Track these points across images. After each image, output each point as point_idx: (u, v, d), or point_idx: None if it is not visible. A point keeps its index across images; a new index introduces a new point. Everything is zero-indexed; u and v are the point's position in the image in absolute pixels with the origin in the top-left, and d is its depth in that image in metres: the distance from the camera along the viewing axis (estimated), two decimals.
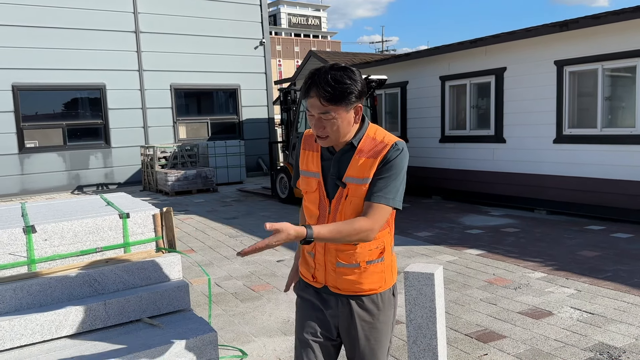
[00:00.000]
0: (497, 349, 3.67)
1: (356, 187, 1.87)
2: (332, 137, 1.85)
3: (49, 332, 2.23)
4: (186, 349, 2.17)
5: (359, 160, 1.88)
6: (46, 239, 2.42)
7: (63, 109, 14.52)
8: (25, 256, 2.38)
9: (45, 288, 2.32)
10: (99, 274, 2.41)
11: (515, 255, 6.07)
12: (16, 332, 2.16)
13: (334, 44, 78.79)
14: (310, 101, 1.82)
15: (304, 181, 2.03)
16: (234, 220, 8.86)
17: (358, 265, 1.92)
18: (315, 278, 2.00)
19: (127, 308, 2.35)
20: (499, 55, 9.17)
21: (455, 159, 10.09)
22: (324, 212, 1.95)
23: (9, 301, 2.26)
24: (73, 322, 2.25)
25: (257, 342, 3.94)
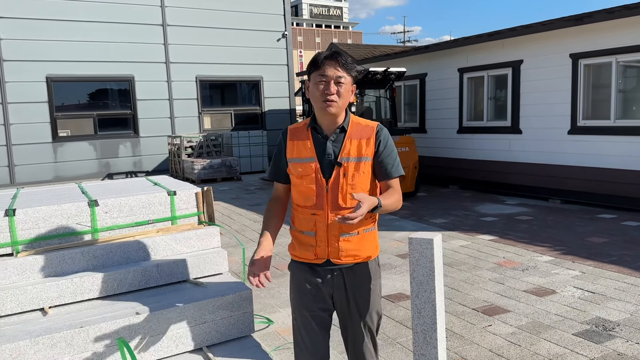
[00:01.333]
0: (500, 321, 4.02)
1: (354, 165, 2.19)
2: (339, 103, 2.15)
3: (112, 289, 2.66)
4: (226, 303, 2.58)
5: (351, 142, 2.20)
6: (107, 212, 2.85)
7: (94, 100, 15.10)
8: (89, 226, 2.82)
9: (107, 252, 2.75)
10: (152, 241, 2.84)
11: (526, 240, 6.37)
12: (85, 287, 2.60)
13: (355, 35, 78.62)
14: (325, 68, 2.13)
15: (297, 167, 2.23)
16: (258, 207, 9.29)
17: (357, 233, 2.22)
18: (317, 255, 2.22)
19: (176, 270, 2.77)
20: (515, 48, 9.39)
21: (472, 150, 10.36)
22: (321, 192, 2.19)
23: (78, 263, 2.69)
24: (132, 281, 2.68)
25: (281, 312, 4.35)
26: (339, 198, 2.19)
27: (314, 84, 2.17)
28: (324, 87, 2.14)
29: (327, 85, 2.14)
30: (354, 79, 2.21)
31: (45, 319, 2.41)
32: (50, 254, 2.64)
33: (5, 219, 2.62)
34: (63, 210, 2.75)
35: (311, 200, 2.21)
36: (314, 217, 2.22)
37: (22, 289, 2.48)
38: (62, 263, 2.65)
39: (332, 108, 2.15)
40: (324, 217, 2.21)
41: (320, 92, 2.15)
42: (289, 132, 2.32)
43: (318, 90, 2.15)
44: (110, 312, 2.45)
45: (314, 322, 2.29)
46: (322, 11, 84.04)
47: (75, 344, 2.25)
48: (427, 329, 2.19)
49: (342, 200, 2.19)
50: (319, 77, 2.15)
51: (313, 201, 2.21)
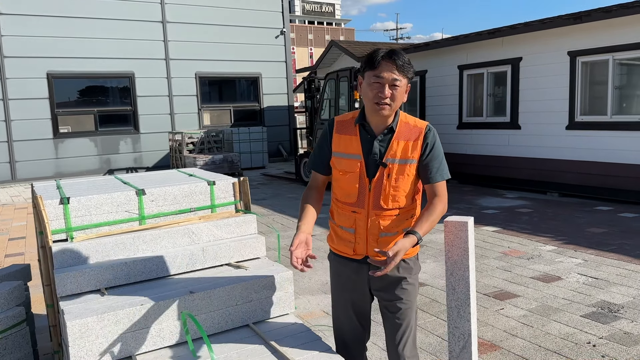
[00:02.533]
0: (512, 305, 4.25)
1: (400, 166, 2.15)
2: (393, 105, 2.10)
3: (162, 271, 2.84)
4: (270, 283, 2.77)
5: (399, 143, 2.16)
6: (153, 200, 3.03)
7: (94, 96, 15.19)
8: (137, 213, 3.00)
9: (156, 238, 2.93)
10: (195, 227, 3.02)
11: (528, 231, 6.61)
12: (138, 270, 2.78)
13: (348, 32, 78.79)
14: (381, 69, 2.06)
15: (341, 162, 2.20)
16: (264, 201, 9.47)
17: (397, 233, 2.19)
18: (356, 251, 2.24)
19: (220, 254, 2.96)
20: (515, 45, 9.63)
21: (472, 145, 10.60)
22: (363, 190, 2.17)
23: (129, 247, 2.87)
24: (180, 264, 2.87)
25: (302, 299, 4.55)
26: (380, 198, 2.17)
27: (367, 84, 2.12)
28: (378, 90, 2.08)
29: (381, 87, 2.08)
30: (410, 80, 2.15)
31: (105, 299, 2.60)
32: (102, 239, 2.82)
33: (60, 206, 2.80)
34: (113, 198, 2.93)
35: (352, 197, 2.21)
36: (354, 215, 2.22)
37: (80, 271, 2.66)
38: (115, 248, 2.83)
39: (384, 111, 2.11)
40: (364, 215, 2.20)
41: (374, 94, 2.09)
42: (335, 124, 2.28)
43: (372, 91, 2.10)
44: (165, 292, 2.64)
45: (353, 310, 2.35)
46: (315, 8, 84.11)
47: (137, 320, 2.43)
48: (461, 304, 2.40)
49: (383, 201, 2.17)
50: (374, 78, 2.08)
51: (354, 199, 2.20)
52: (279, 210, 8.58)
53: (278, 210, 8.53)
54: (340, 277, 2.38)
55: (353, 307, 2.36)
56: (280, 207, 8.78)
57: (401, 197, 2.18)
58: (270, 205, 9.06)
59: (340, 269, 2.38)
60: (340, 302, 2.40)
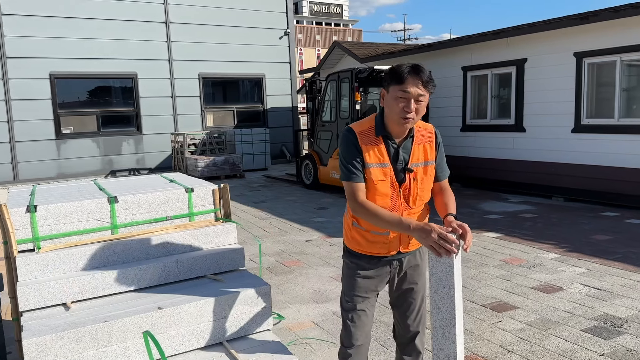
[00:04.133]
0: (509, 317, 4.07)
1: (424, 169, 2.36)
2: (415, 119, 2.24)
3: (132, 284, 2.70)
4: (245, 298, 2.62)
5: (419, 148, 2.35)
6: (126, 208, 2.89)
7: (97, 97, 15.13)
8: (109, 222, 2.86)
9: (128, 248, 2.79)
10: (170, 237, 2.87)
11: (531, 238, 6.42)
12: (107, 282, 2.64)
13: (355, 33, 78.60)
14: (407, 85, 2.16)
15: (376, 172, 2.29)
16: (263, 204, 9.33)
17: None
18: (389, 250, 2.39)
19: (195, 265, 2.81)
20: (520, 46, 9.43)
21: (475, 148, 10.40)
22: (395, 195, 2.32)
23: (98, 258, 2.73)
24: (152, 276, 2.72)
25: (292, 308, 4.39)
26: (409, 200, 2.35)
27: (393, 98, 2.20)
28: (404, 105, 2.19)
29: (407, 102, 2.18)
30: (431, 94, 2.25)
31: (69, 314, 2.45)
32: (71, 249, 2.68)
33: (27, 215, 2.66)
34: (83, 206, 2.79)
35: (387, 202, 2.32)
36: None
37: (44, 284, 2.52)
38: (83, 259, 2.69)
39: (408, 124, 2.25)
40: None
41: (400, 108, 2.19)
42: (358, 136, 2.30)
43: (397, 106, 2.20)
44: (132, 307, 2.49)
45: (366, 307, 2.45)
46: (322, 9, 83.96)
47: (99, 338, 2.29)
48: (446, 324, 2.23)
49: (412, 202, 2.36)
50: (401, 93, 2.17)
51: (389, 204, 2.33)
52: (277, 213, 8.43)
53: (276, 214, 8.38)
54: (357, 272, 2.45)
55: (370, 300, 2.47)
56: (279, 211, 8.63)
57: (426, 195, 2.41)
58: (269, 208, 8.92)
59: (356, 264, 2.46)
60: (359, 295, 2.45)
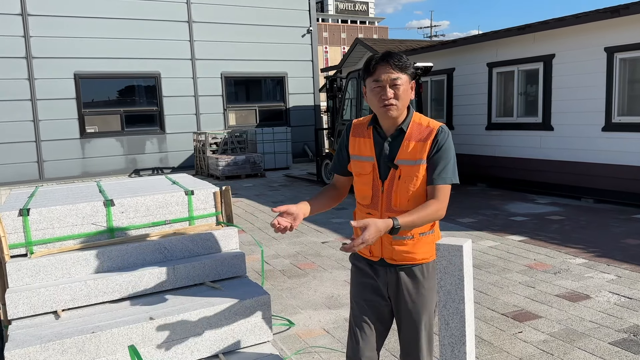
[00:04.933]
0: (531, 327, 3.84)
1: (409, 168, 2.13)
2: (399, 105, 2.10)
3: (127, 291, 2.58)
4: (243, 308, 2.48)
5: (409, 145, 2.14)
6: (123, 212, 2.77)
7: (121, 96, 15.25)
8: (105, 226, 2.75)
9: (123, 254, 2.67)
10: (168, 242, 2.75)
11: (557, 241, 6.13)
12: (100, 289, 2.53)
13: (381, 30, 78.03)
14: (378, 73, 2.08)
15: (356, 165, 2.24)
16: (282, 204, 9.18)
17: (412, 237, 2.18)
18: (372, 252, 2.24)
19: (192, 273, 2.68)
20: (547, 42, 9.08)
21: (501, 147, 10.08)
22: (377, 192, 2.19)
23: (92, 264, 2.62)
24: (147, 283, 2.60)
25: (303, 314, 4.24)
26: (392, 200, 2.17)
27: (370, 91, 2.13)
28: (380, 93, 2.10)
29: (382, 90, 2.09)
30: (412, 76, 2.14)
31: (58, 323, 2.35)
32: (64, 255, 2.58)
33: (19, 218, 2.57)
34: (78, 210, 2.68)
35: (367, 199, 2.22)
36: (368, 217, 2.19)
37: (35, 292, 2.42)
38: (76, 265, 2.58)
39: (392, 112, 2.11)
40: (378, 217, 2.17)
41: (377, 98, 2.10)
42: (352, 127, 2.30)
43: (375, 96, 2.11)
44: (123, 316, 2.37)
45: (371, 311, 2.28)
46: (348, 7, 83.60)
47: (86, 350, 2.17)
48: (456, 341, 2.05)
49: (395, 203, 2.17)
50: (374, 83, 2.11)
51: (369, 200, 2.22)
52: None
53: None
54: (359, 277, 2.33)
55: (370, 308, 2.29)
56: None
57: (412, 198, 2.16)
58: None
59: (359, 268, 2.34)
60: (359, 302, 2.32)
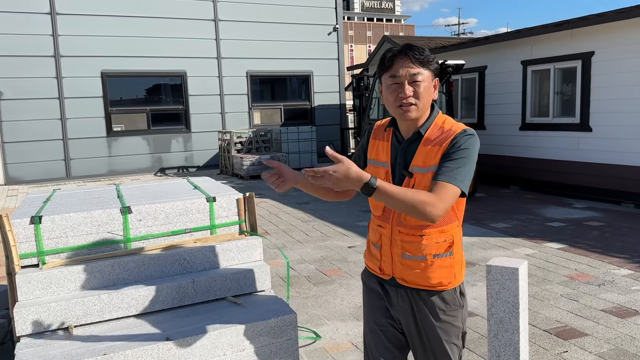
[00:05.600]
0: (577, 346, 3.54)
1: (422, 176, 1.84)
2: (419, 105, 1.83)
3: (143, 306, 2.39)
4: (268, 328, 2.26)
5: (424, 150, 1.86)
6: (140, 220, 2.59)
7: (147, 95, 15.25)
8: (121, 235, 2.57)
9: (140, 265, 2.49)
10: (188, 253, 2.56)
11: (599, 250, 5.78)
12: (114, 304, 2.35)
13: (408, 28, 77.25)
14: (396, 67, 1.82)
15: (371, 170, 1.98)
16: (306, 205, 9.00)
17: (424, 258, 1.88)
18: (383, 270, 1.99)
19: (214, 286, 2.48)
20: (586, 38, 8.66)
21: (536, 148, 9.69)
22: None
23: (107, 276, 2.44)
24: (165, 298, 2.41)
25: (329, 325, 4.02)
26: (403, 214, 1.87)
27: (386, 88, 1.86)
28: (397, 90, 1.82)
29: (400, 87, 1.82)
30: (435, 73, 1.86)
31: (68, 342, 2.17)
32: (77, 266, 2.40)
33: (31, 226, 2.40)
34: (93, 217, 2.51)
35: (378, 209, 1.99)
36: (380, 230, 2.00)
37: (45, 306, 2.25)
38: (90, 277, 2.41)
39: (410, 113, 1.84)
40: (388, 231, 1.95)
41: (394, 96, 1.83)
42: (374, 129, 2.07)
43: (391, 94, 1.84)
44: (138, 335, 2.18)
45: (385, 338, 2.05)
46: (374, 4, 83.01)
47: None
48: None
49: (405, 217, 1.88)
50: (391, 80, 1.83)
51: (380, 211, 1.98)
52: (321, 216, 8.07)
53: (319, 216, 8.03)
54: (370, 299, 2.10)
55: (385, 333, 2.05)
56: (323, 213, 8.27)
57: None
58: (312, 210, 8.58)
59: (370, 288, 2.10)
60: (372, 328, 2.09)
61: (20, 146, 13.47)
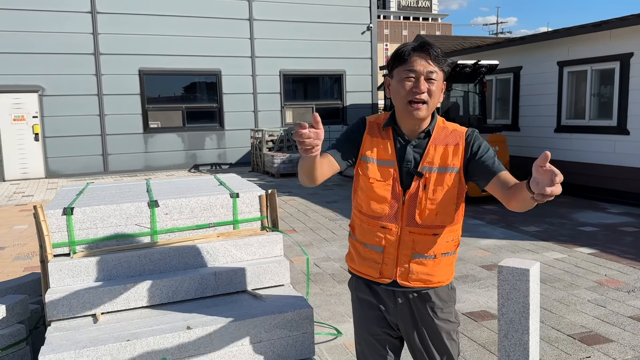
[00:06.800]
0: (601, 352, 3.49)
1: (439, 175, 1.86)
2: (430, 104, 1.83)
3: (166, 297, 2.49)
4: (285, 321, 2.33)
5: (436, 149, 1.88)
6: (167, 213, 2.69)
7: (183, 93, 15.57)
8: (148, 227, 2.68)
9: (165, 257, 2.59)
10: (211, 247, 2.65)
11: (631, 256, 5.64)
12: (139, 294, 2.45)
13: (445, 27, 76.34)
14: (413, 62, 1.80)
15: (371, 169, 1.93)
16: (334, 204, 9.05)
17: (434, 257, 1.91)
18: (382, 274, 1.94)
19: (235, 279, 2.56)
20: (625, 39, 8.43)
21: (571, 150, 9.49)
22: (396, 203, 1.90)
23: (134, 266, 2.55)
24: (187, 289, 2.51)
25: (351, 322, 4.05)
26: (416, 213, 1.87)
27: (398, 81, 1.83)
28: (412, 85, 1.81)
29: (416, 82, 1.81)
30: (445, 75, 1.87)
31: (95, 327, 2.28)
32: (106, 256, 2.52)
33: (63, 217, 2.53)
34: (122, 210, 2.62)
35: (383, 210, 1.91)
36: (383, 231, 1.92)
37: (75, 294, 2.37)
38: (118, 266, 2.52)
39: (420, 112, 1.83)
40: (396, 232, 1.90)
41: (407, 90, 1.81)
42: (368, 124, 1.98)
43: (404, 88, 1.81)
44: (160, 323, 2.28)
45: (380, 346, 2.02)
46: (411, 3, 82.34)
47: (121, 358, 2.09)
48: None
49: (419, 217, 1.88)
50: (406, 73, 1.81)
51: (385, 212, 1.90)
52: (348, 214, 8.09)
53: (346, 215, 8.07)
54: (362, 310, 2.04)
55: (380, 342, 2.02)
56: (350, 212, 8.29)
57: (440, 212, 1.88)
58: (340, 208, 8.62)
59: (361, 299, 2.04)
60: (367, 338, 2.04)
61: (61, 141, 13.95)
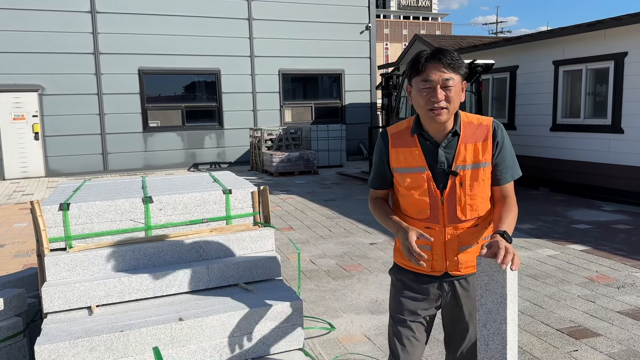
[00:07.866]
0: (588, 346, 3.56)
1: (473, 172, 1.99)
2: (450, 109, 1.91)
3: (160, 289, 2.56)
4: (274, 313, 2.40)
5: (467, 147, 1.99)
6: (161, 209, 2.77)
7: (182, 92, 15.63)
8: (143, 223, 2.75)
9: (159, 251, 2.66)
10: (204, 242, 2.72)
11: (623, 253, 5.71)
12: (133, 287, 2.52)
13: (445, 26, 76.36)
14: (428, 72, 1.88)
15: (405, 178, 2.03)
16: (332, 203, 9.13)
17: (477, 243, 2.06)
18: (434, 268, 2.07)
19: (227, 273, 2.63)
20: (619, 39, 8.50)
21: (566, 149, 9.56)
22: (435, 203, 2.00)
23: (128, 261, 2.62)
24: (180, 282, 2.58)
25: (345, 317, 4.14)
26: (457, 210, 2.00)
27: (417, 91, 1.93)
28: (429, 94, 1.90)
29: (432, 91, 1.90)
30: (464, 77, 1.95)
31: (90, 319, 2.36)
32: (100, 250, 2.59)
33: (59, 213, 2.60)
34: (117, 206, 2.70)
35: (424, 213, 2.03)
36: (428, 231, 2.03)
37: (70, 286, 2.44)
38: (112, 260, 2.59)
39: (441, 117, 1.92)
40: (440, 231, 2.03)
41: (426, 99, 1.91)
42: (390, 137, 2.08)
43: (422, 97, 1.91)
44: (153, 315, 2.35)
45: (415, 327, 2.14)
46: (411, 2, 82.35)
47: (115, 348, 2.16)
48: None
49: (460, 213, 2.01)
50: (422, 84, 1.91)
51: (427, 214, 2.03)
52: (345, 213, 8.19)
53: (344, 213, 8.14)
54: (404, 291, 2.16)
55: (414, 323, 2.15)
56: (347, 210, 8.38)
57: (479, 205, 2.02)
58: (338, 207, 8.69)
59: (404, 282, 2.16)
60: (402, 318, 2.15)
61: (60, 140, 14.03)
